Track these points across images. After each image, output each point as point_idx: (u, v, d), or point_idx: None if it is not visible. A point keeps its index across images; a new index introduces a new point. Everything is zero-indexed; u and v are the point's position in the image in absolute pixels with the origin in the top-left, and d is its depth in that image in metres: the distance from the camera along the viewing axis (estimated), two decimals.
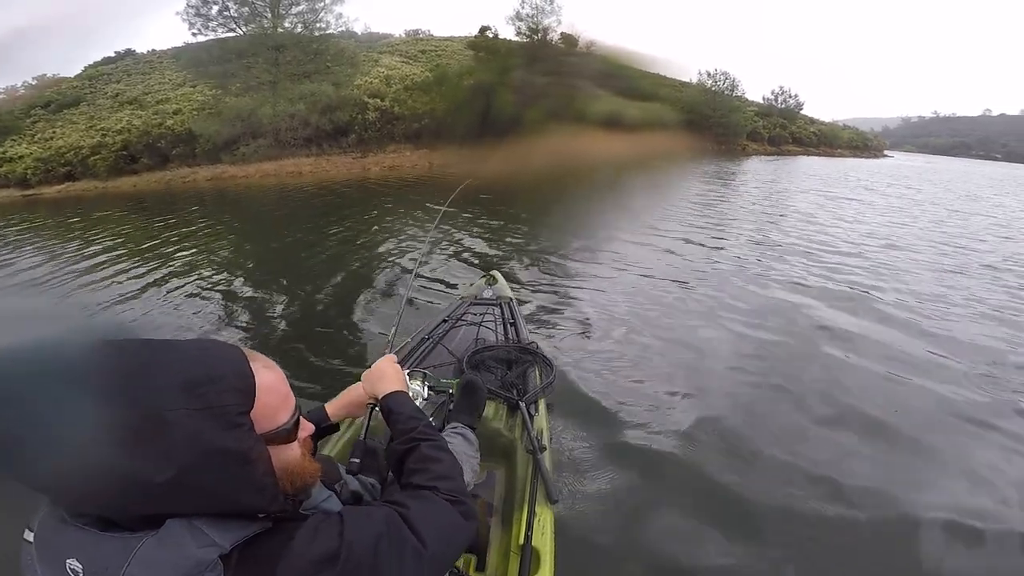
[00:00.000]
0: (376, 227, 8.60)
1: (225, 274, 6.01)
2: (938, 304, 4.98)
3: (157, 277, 5.93)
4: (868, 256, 6.81)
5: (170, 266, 6.40)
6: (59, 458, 0.49)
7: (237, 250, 7.64)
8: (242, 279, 5.81)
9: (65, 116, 24.04)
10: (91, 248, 7.81)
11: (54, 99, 26.57)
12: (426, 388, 1.35)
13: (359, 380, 1.16)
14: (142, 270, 6.26)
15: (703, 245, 6.99)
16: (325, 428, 1.16)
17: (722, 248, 6.90)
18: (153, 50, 38.06)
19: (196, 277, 5.83)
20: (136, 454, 0.50)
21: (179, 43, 33.10)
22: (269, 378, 0.64)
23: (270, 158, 18.29)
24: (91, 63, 35.13)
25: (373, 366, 1.12)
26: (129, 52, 38.30)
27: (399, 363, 1.17)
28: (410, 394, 1.11)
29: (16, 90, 31.04)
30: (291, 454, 0.67)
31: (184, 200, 13.39)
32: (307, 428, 0.71)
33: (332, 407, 1.18)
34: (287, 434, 0.66)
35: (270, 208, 12.05)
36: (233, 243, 8.15)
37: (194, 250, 7.34)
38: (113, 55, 37.57)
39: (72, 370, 0.51)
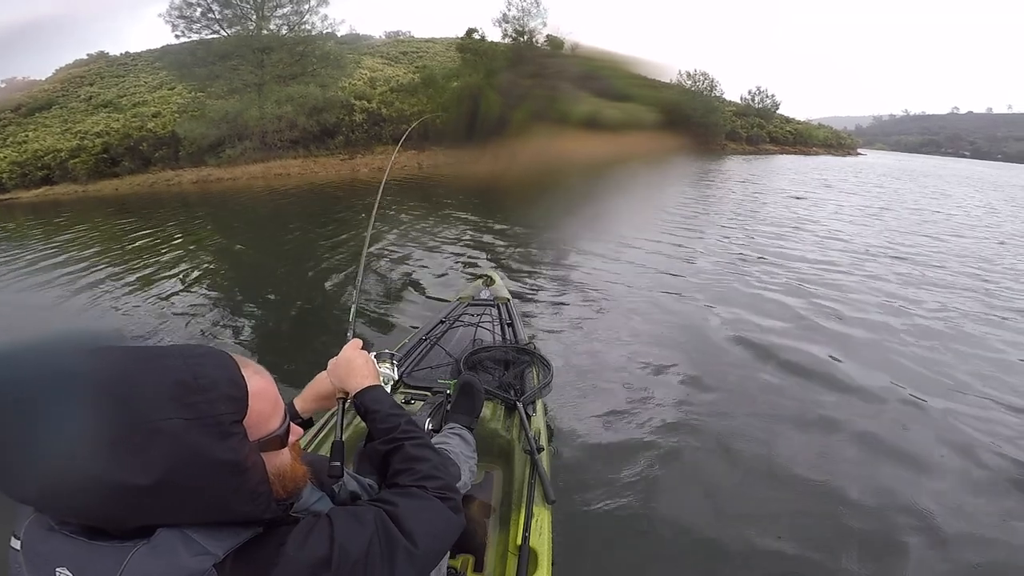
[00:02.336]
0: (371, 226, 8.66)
1: (212, 276, 6.02)
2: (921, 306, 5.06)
3: (142, 281, 5.89)
4: (862, 261, 6.77)
5: (156, 269, 6.37)
6: (43, 471, 0.48)
7: (227, 252, 7.63)
8: (230, 281, 5.82)
9: (37, 119, 23.52)
10: (68, 253, 7.70)
11: (25, 102, 25.95)
12: (396, 369, 1.28)
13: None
14: (125, 273, 6.22)
15: (691, 245, 7.09)
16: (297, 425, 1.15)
17: (711, 248, 7.00)
18: (127, 52, 37.34)
19: (183, 280, 5.81)
20: (126, 466, 0.49)
21: (154, 45, 32.49)
22: (260, 384, 0.63)
23: (256, 160, 18.18)
24: (62, 66, 34.42)
25: (339, 356, 1.04)
26: (102, 54, 37.50)
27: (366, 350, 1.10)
28: (381, 379, 1.05)
29: None
30: (283, 459, 0.66)
31: (170, 203, 13.26)
32: (296, 432, 0.70)
33: (301, 401, 1.09)
34: (279, 440, 0.65)
35: (259, 210, 12.01)
36: (222, 245, 8.15)
37: (185, 253, 7.32)
38: (85, 57, 36.77)
39: (55, 379, 0.49)
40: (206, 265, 6.65)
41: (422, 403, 1.83)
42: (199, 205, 13.03)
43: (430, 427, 1.60)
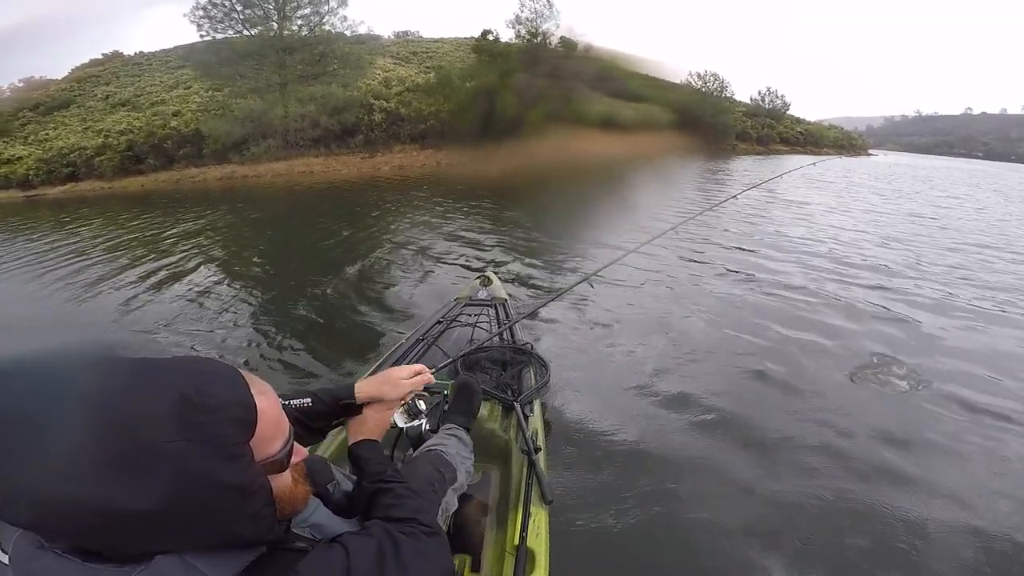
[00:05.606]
0: (397, 222, 8.88)
1: (240, 272, 6.07)
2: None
3: (171, 274, 5.99)
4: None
5: (181, 265, 6.45)
6: (37, 494, 0.46)
7: (257, 247, 7.81)
8: (256, 277, 5.87)
9: (56, 118, 23.97)
10: (94, 248, 7.83)
11: (43, 101, 26.42)
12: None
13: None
14: (151, 269, 6.30)
15: (695, 245, 7.01)
16: (347, 406, 1.07)
17: (714, 249, 6.91)
18: (141, 52, 37.92)
19: (211, 276, 5.89)
20: (126, 490, 0.47)
21: (167, 45, 32.97)
22: (263, 404, 0.60)
23: (280, 158, 18.59)
24: (77, 65, 34.95)
25: (365, 416, 1.07)
26: (116, 54, 38.06)
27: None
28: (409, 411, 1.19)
29: (2, 91, 30.84)
30: (282, 482, 0.64)
31: (198, 199, 13.52)
32: (300, 453, 0.69)
33: (364, 385, 1.09)
34: (280, 464, 0.63)
35: (290, 206, 12.28)
36: (255, 240, 8.33)
37: (217, 248, 7.47)
38: (100, 57, 37.32)
39: (50, 395, 0.47)
40: (247, 262, 6.80)
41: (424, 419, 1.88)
42: (233, 201, 13.18)
43: (427, 427, 1.56)
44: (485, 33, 22.88)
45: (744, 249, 7.03)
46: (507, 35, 23.09)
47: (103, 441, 0.47)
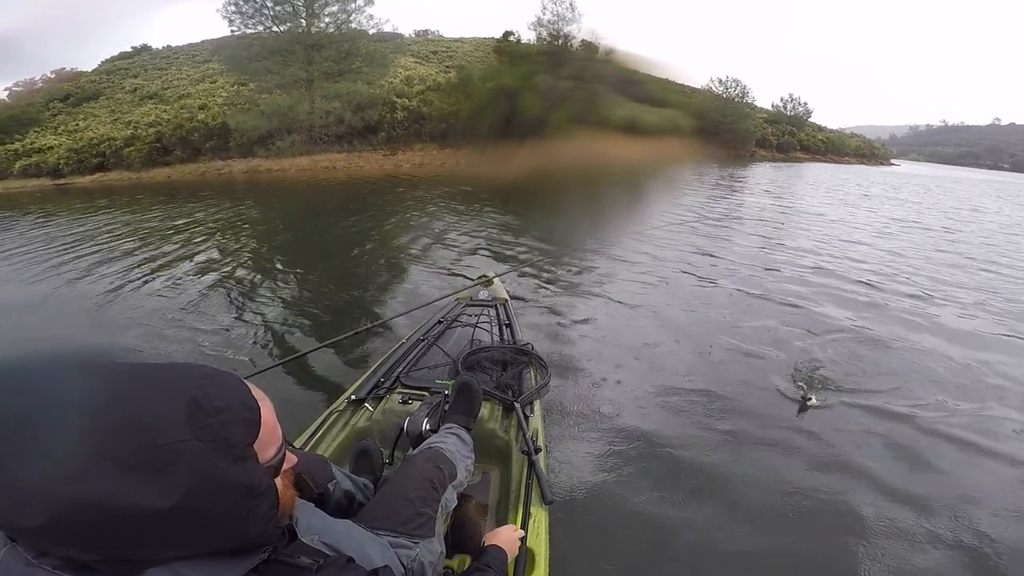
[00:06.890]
0: (410, 221, 9.00)
1: (257, 265, 6.10)
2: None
3: (184, 266, 6.08)
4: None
5: (197, 256, 6.54)
6: (55, 497, 0.45)
7: (275, 240, 7.93)
8: (270, 271, 5.89)
9: (85, 109, 24.49)
10: (122, 236, 7.98)
11: (72, 93, 27.01)
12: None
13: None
14: (179, 257, 6.44)
15: (706, 251, 7.02)
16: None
17: (725, 255, 6.86)
18: (168, 46, 38.66)
19: (227, 269, 5.92)
20: (144, 489, 0.47)
21: (195, 39, 33.58)
22: (263, 412, 0.62)
23: (304, 153, 18.89)
24: (107, 58, 35.73)
25: (503, 536, 1.24)
26: (145, 47, 38.87)
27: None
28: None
29: (34, 83, 31.66)
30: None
31: (223, 191, 13.71)
32: (290, 460, 0.71)
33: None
34: (274, 470, 0.64)
35: (312, 200, 12.44)
36: (276, 234, 8.49)
37: (242, 240, 7.58)
38: (129, 50, 38.07)
39: (65, 397, 0.48)
40: (262, 252, 6.90)
41: (419, 403, 1.81)
42: (258, 193, 13.36)
43: (428, 427, 1.60)
44: (507, 34, 22.95)
45: (753, 255, 7.00)
46: (528, 36, 23.12)
47: (120, 441, 0.47)
